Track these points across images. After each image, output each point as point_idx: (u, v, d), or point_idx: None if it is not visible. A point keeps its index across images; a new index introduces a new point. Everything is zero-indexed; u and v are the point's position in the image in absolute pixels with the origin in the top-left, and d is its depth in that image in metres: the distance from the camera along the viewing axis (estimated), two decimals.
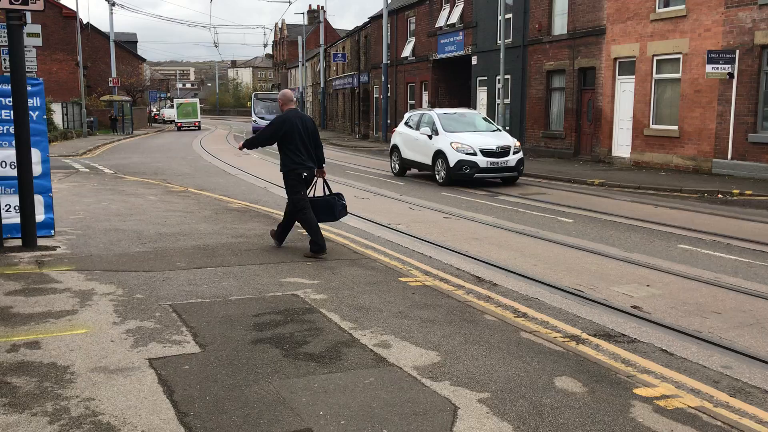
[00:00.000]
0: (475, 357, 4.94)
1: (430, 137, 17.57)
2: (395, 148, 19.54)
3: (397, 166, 19.57)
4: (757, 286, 7.29)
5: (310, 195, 8.49)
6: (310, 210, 8.26)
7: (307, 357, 4.88)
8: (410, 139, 18.72)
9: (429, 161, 17.65)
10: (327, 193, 8.70)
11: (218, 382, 4.43)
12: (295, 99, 8.72)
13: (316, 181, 8.60)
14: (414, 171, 19.10)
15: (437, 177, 17.24)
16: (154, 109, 76.18)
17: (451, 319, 5.83)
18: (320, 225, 8.41)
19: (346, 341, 5.23)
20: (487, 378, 4.55)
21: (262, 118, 48.98)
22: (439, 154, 17.13)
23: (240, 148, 8.62)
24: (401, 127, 19.65)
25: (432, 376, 4.57)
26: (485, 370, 4.70)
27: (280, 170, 8.39)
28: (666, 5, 19.50)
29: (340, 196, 8.77)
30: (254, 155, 29.12)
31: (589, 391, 4.37)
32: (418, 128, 18.47)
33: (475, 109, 30.11)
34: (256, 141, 8.40)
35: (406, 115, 20.12)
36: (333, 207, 8.61)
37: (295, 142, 8.16)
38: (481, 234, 10.44)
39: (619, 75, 21.45)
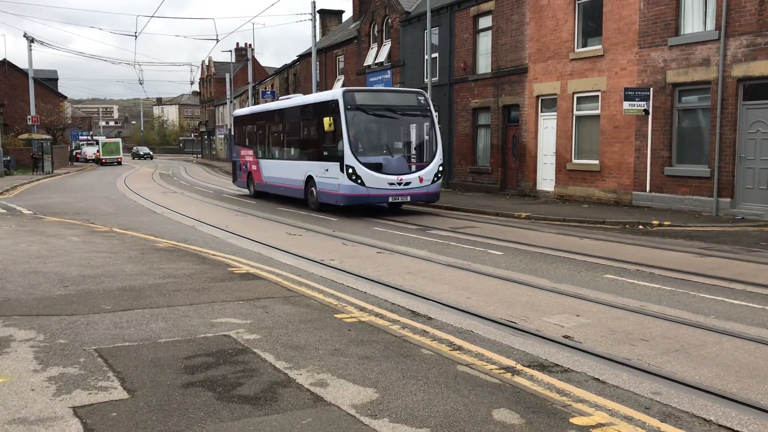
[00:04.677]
0: (413, 392, 4.91)
1: None
2: None
3: None
4: (680, 313, 7.55)
5: None
6: None
7: (242, 399, 4.75)
8: None
9: None
10: None
11: (148, 428, 4.24)
12: None
13: None
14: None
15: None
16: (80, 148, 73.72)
17: (387, 355, 5.79)
18: (248, 261, 8.33)
19: (281, 381, 5.12)
20: (426, 413, 4.52)
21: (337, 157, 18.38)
22: None
23: None
24: None
25: (371, 414, 4.51)
26: (424, 405, 4.67)
27: None
28: (584, 45, 20.38)
29: None
30: (185, 193, 28.57)
31: (527, 423, 4.40)
32: None
33: None
34: None
35: None
36: None
37: None
38: (415, 268, 10.48)
39: (541, 112, 22.19)
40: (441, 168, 18.88)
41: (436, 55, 27.02)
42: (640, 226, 15.18)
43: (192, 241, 13.37)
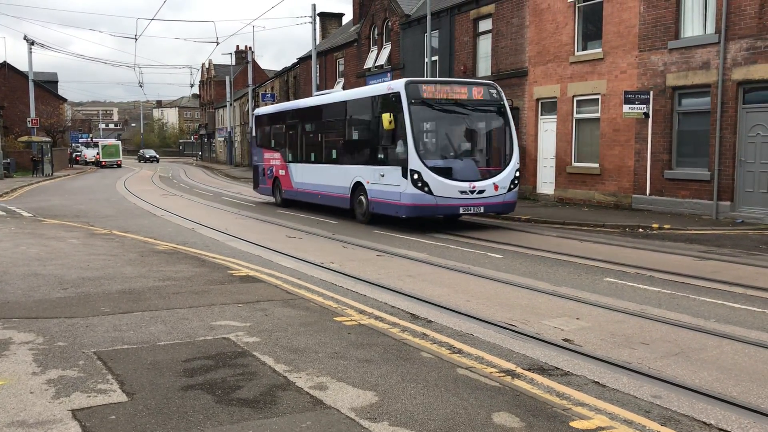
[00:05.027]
0: (412, 396, 4.90)
1: None
2: None
3: None
4: (680, 317, 7.54)
5: None
6: None
7: (241, 402, 4.74)
8: None
9: None
10: None
11: (147, 431, 4.23)
12: None
13: None
14: None
15: None
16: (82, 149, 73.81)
17: (387, 358, 5.78)
18: (248, 264, 8.31)
19: (280, 384, 5.11)
20: (426, 417, 4.51)
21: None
22: None
23: None
24: None
25: (370, 417, 4.50)
26: (423, 408, 4.66)
27: None
28: (584, 48, 20.39)
29: None
30: (185, 196, 28.58)
31: (527, 426, 4.39)
32: None
33: None
34: None
35: None
36: None
37: None
38: (414, 271, 10.48)
39: (541, 115, 22.20)
40: (518, 173, 16.22)
41: (436, 58, 27.03)
42: (640, 230, 15.17)
43: (192, 244, 13.36)
